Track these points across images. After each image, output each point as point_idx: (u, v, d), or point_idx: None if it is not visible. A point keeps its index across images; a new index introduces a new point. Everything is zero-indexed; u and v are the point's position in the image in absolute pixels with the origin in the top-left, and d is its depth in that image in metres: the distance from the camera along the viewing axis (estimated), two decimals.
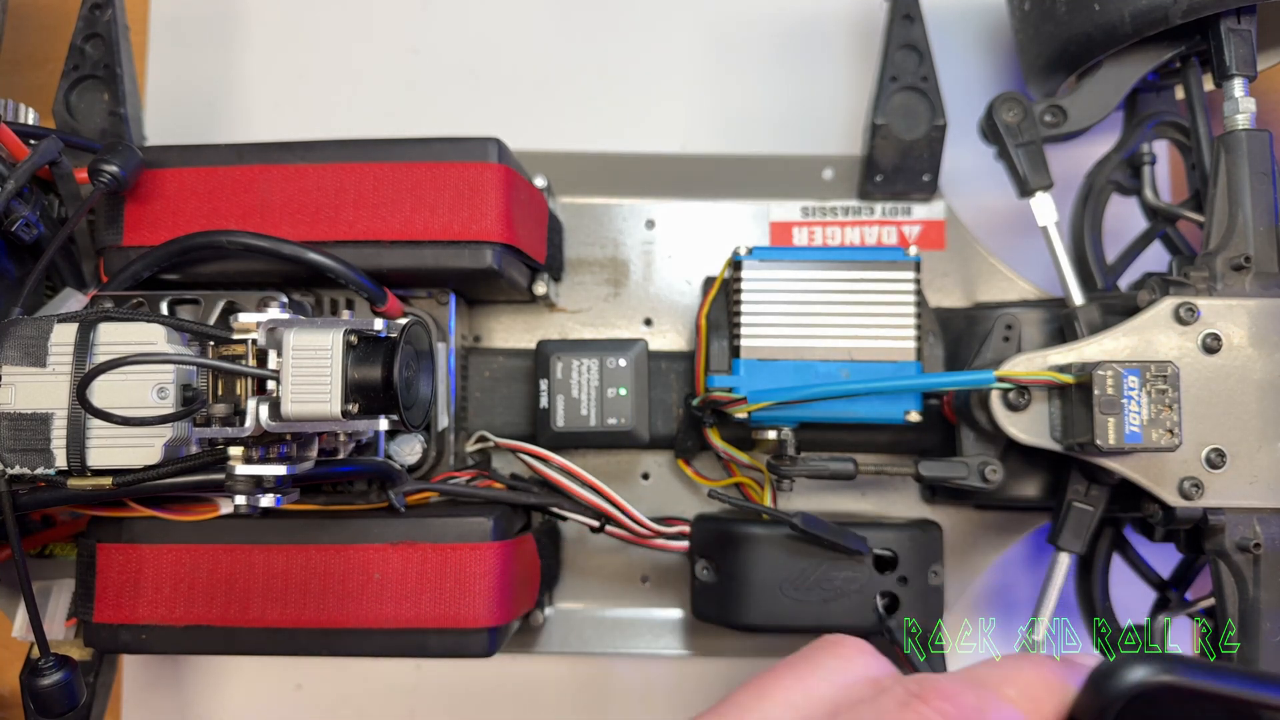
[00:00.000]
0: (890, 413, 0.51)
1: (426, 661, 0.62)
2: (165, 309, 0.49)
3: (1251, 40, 0.49)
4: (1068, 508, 0.51)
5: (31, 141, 0.47)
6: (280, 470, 0.42)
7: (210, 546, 0.48)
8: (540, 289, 0.57)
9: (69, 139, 0.49)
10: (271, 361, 0.42)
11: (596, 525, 0.54)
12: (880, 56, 0.58)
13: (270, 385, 0.41)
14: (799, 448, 0.51)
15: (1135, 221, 0.59)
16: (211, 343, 0.43)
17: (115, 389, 0.42)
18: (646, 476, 0.60)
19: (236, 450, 0.42)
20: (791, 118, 0.65)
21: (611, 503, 0.53)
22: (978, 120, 0.55)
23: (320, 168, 0.50)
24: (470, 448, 0.56)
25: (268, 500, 0.43)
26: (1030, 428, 0.48)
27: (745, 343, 0.52)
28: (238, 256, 0.49)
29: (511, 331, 0.61)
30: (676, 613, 0.60)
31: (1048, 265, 0.54)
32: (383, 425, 0.42)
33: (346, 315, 0.52)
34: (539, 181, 0.57)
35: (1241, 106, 0.49)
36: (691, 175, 0.63)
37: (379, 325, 0.43)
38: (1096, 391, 0.44)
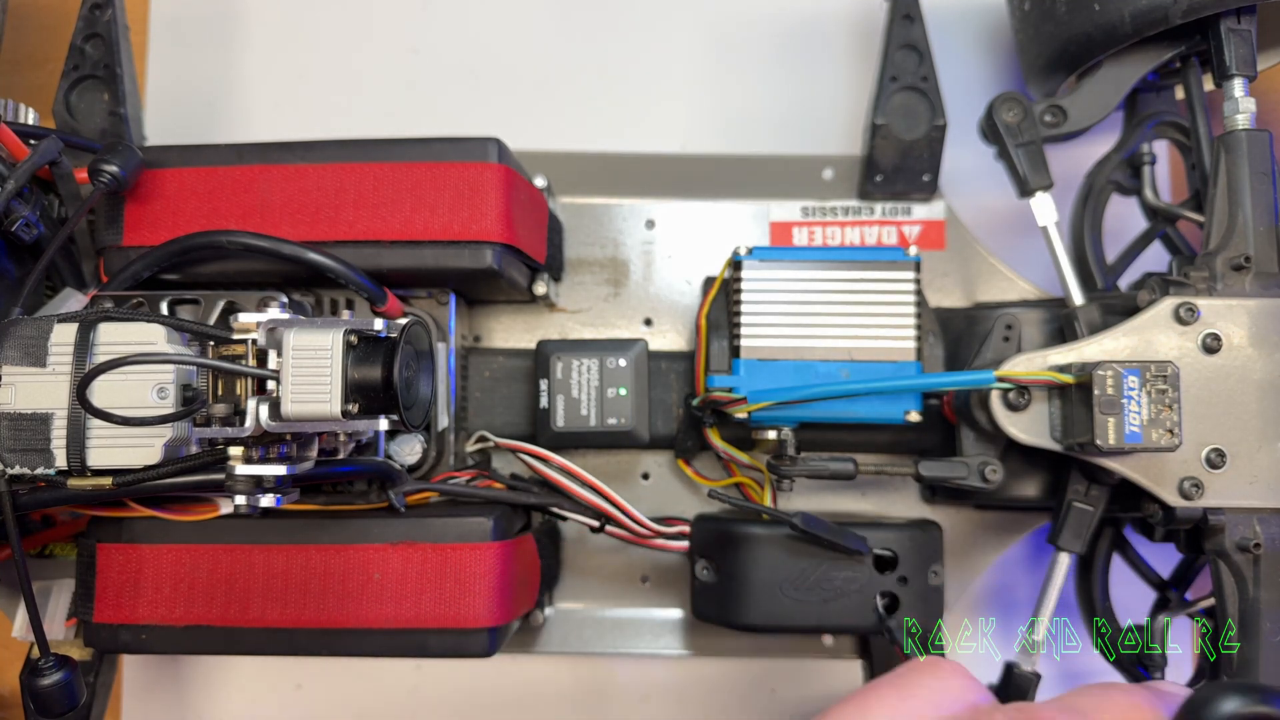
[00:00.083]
0: (890, 413, 0.51)
1: (426, 661, 0.62)
2: (165, 309, 0.49)
3: (1251, 40, 0.49)
4: (1068, 508, 0.51)
5: (31, 141, 0.47)
6: (280, 470, 0.42)
7: (210, 546, 0.48)
8: (540, 289, 0.57)
9: (69, 139, 0.49)
10: (271, 361, 0.42)
11: (596, 525, 0.54)
12: (880, 56, 0.58)
13: (270, 385, 0.41)
14: (799, 448, 0.51)
15: (1135, 221, 0.59)
16: (211, 343, 0.43)
17: (115, 389, 0.42)
18: (646, 476, 0.60)
19: (236, 450, 0.42)
20: (791, 118, 0.65)
21: (611, 503, 0.53)
22: (978, 120, 0.55)
23: (320, 168, 0.50)
24: (470, 448, 0.56)
25: (268, 500, 0.43)
26: (1030, 428, 0.48)
27: (745, 343, 0.52)
28: (238, 256, 0.49)
29: (511, 331, 0.61)
30: (676, 613, 0.60)
31: (1048, 265, 0.54)
32: (383, 425, 0.42)
33: (346, 315, 0.52)
34: (539, 181, 0.57)
35: (1241, 106, 0.49)
36: (691, 175, 0.63)
37: (379, 325, 0.43)
38: (1096, 391, 0.44)
